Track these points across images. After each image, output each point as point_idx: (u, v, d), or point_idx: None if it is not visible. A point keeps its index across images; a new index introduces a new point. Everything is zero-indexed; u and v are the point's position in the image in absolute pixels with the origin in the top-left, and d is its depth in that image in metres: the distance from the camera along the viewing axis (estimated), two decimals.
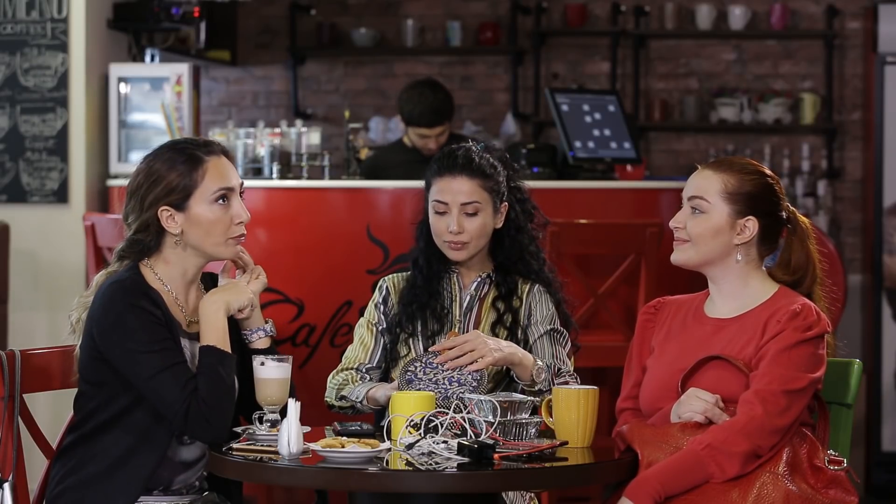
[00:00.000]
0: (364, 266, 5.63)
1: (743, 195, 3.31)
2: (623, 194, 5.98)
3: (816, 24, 8.46)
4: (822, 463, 3.17)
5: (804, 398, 3.19)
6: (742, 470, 3.10)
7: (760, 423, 3.12)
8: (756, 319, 3.29)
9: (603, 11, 8.62)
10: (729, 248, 3.33)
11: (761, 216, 3.32)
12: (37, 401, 3.47)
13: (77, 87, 6.36)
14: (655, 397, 3.33)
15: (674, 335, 3.40)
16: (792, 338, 3.21)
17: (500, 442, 3.09)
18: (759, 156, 8.41)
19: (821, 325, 3.26)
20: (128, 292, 3.27)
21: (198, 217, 3.33)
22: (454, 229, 3.67)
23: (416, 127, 6.44)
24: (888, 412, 7.41)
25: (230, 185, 3.37)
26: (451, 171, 3.71)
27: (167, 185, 3.32)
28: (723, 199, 3.31)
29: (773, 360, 3.19)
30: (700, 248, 3.33)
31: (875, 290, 7.50)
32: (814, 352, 3.23)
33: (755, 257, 3.35)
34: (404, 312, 3.74)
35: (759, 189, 3.33)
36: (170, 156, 3.36)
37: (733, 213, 3.31)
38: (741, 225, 3.31)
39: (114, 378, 3.28)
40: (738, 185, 3.32)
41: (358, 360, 3.74)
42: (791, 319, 3.23)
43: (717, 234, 3.31)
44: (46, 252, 6.33)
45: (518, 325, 3.73)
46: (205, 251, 3.37)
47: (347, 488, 3.14)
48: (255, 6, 8.63)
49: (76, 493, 3.29)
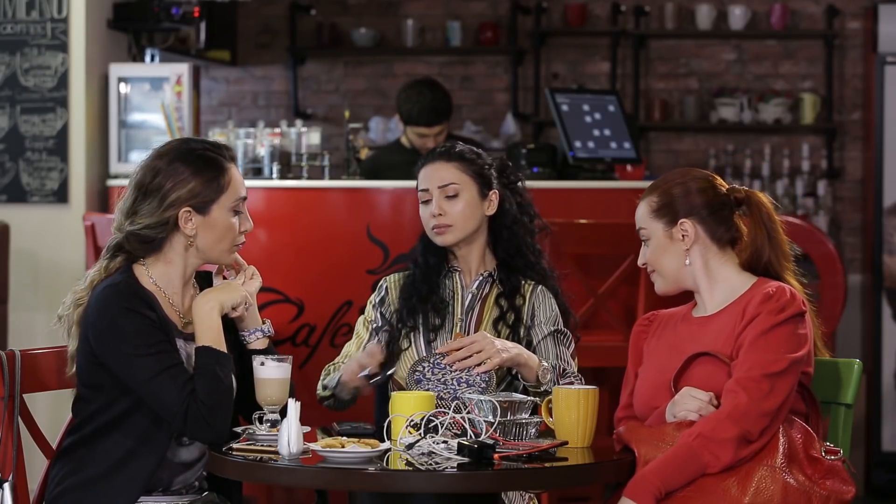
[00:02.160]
0: (364, 266, 5.63)
1: (664, 206, 3.40)
2: (623, 194, 5.96)
3: (816, 24, 8.46)
4: (819, 453, 3.19)
5: (788, 379, 3.20)
6: (735, 456, 3.12)
7: (746, 408, 3.14)
8: (735, 310, 3.31)
9: (603, 11, 8.62)
10: (682, 257, 3.39)
11: (692, 215, 3.38)
12: (37, 401, 3.47)
13: (77, 87, 6.36)
14: (649, 397, 3.35)
15: (664, 340, 3.44)
16: (767, 321, 3.23)
17: (500, 442, 3.09)
18: (759, 156, 8.42)
19: (795, 305, 3.27)
20: (121, 296, 3.28)
21: (215, 223, 3.36)
22: (434, 211, 3.72)
23: (414, 126, 6.43)
24: (888, 412, 7.41)
25: (245, 196, 3.42)
26: (429, 160, 3.80)
27: (194, 189, 3.34)
28: (653, 219, 3.41)
29: (750, 346, 3.22)
30: (662, 271, 3.42)
31: (875, 290, 7.50)
32: (792, 332, 3.24)
33: (715, 251, 3.39)
34: (405, 307, 3.76)
35: (678, 193, 3.40)
36: (195, 158, 3.36)
37: (666, 226, 3.39)
38: (679, 232, 3.38)
39: (112, 382, 3.29)
40: (658, 200, 3.41)
41: (349, 355, 3.76)
42: (763, 303, 3.26)
43: (665, 252, 3.40)
44: (46, 252, 6.33)
45: (521, 324, 3.74)
46: (210, 255, 3.39)
47: (347, 488, 3.14)
48: (255, 6, 8.63)
49: (76, 494, 3.29)
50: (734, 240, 3.40)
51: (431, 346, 3.72)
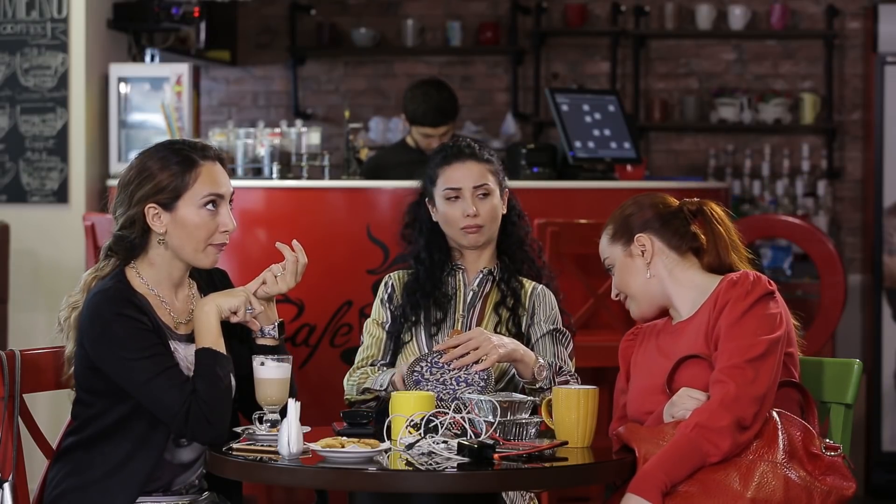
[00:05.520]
0: (364, 266, 5.63)
1: (619, 229, 3.47)
2: (623, 194, 5.93)
3: (816, 24, 8.46)
4: (819, 450, 3.19)
5: (770, 360, 3.22)
6: (734, 442, 3.13)
7: (735, 395, 3.16)
8: (708, 307, 3.34)
9: (603, 11, 8.62)
10: (645, 271, 3.43)
11: (646, 229, 3.43)
12: (37, 401, 3.47)
13: (77, 87, 6.36)
14: (641, 402, 3.38)
15: (650, 349, 3.47)
16: (737, 308, 3.26)
17: (500, 442, 3.09)
18: (759, 156, 8.43)
19: (761, 286, 3.30)
20: (112, 301, 3.27)
21: (183, 219, 3.33)
22: (471, 212, 3.73)
23: (420, 126, 6.44)
24: (888, 412, 7.42)
25: (220, 192, 3.37)
26: (458, 158, 3.80)
27: (158, 184, 3.32)
28: (612, 245, 3.48)
29: (727, 335, 3.25)
30: (633, 295, 3.46)
31: (875, 290, 7.50)
32: (763, 313, 3.27)
33: (677, 259, 3.43)
34: (409, 302, 3.78)
35: (628, 213, 3.47)
36: (164, 154, 3.35)
37: (624, 246, 3.45)
38: (637, 248, 3.43)
39: (108, 387, 3.29)
40: (613, 228, 3.49)
41: (372, 357, 3.79)
42: (729, 290, 3.30)
43: (629, 273, 3.45)
44: (46, 252, 6.33)
45: (520, 317, 3.75)
46: (184, 255, 3.36)
47: (347, 488, 3.14)
48: (255, 6, 8.63)
49: (74, 495, 3.30)
50: (696, 249, 3.45)
51: (433, 339, 3.73)
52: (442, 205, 3.78)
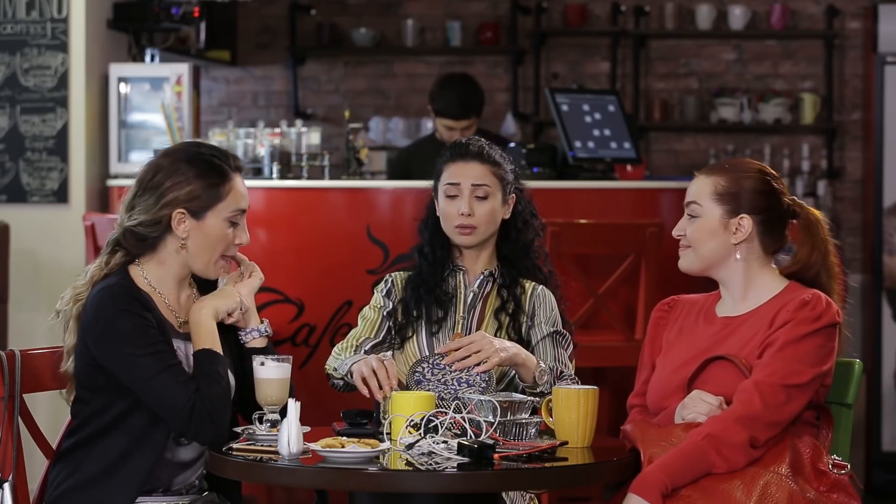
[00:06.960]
0: (364, 266, 5.63)
1: (732, 195, 3.34)
2: (623, 194, 5.97)
3: (816, 24, 8.46)
4: (826, 467, 3.16)
5: (806, 393, 3.19)
6: (745, 459, 3.10)
7: (758, 414, 3.13)
8: (764, 315, 3.29)
9: (603, 11, 8.62)
10: (728, 248, 3.35)
11: (755, 213, 3.34)
12: (37, 401, 3.47)
13: (77, 87, 6.36)
14: (661, 395, 3.34)
15: (684, 334, 3.41)
16: (800, 329, 3.21)
17: (500, 442, 3.09)
18: (759, 156, 8.41)
19: (830, 315, 3.24)
20: (117, 298, 3.28)
21: (208, 229, 3.35)
22: (465, 211, 3.72)
23: (442, 118, 6.58)
24: (888, 412, 7.41)
25: (245, 208, 3.41)
26: (463, 157, 3.79)
27: (192, 191, 3.33)
28: (713, 200, 3.35)
29: (778, 352, 3.19)
30: (699, 252, 3.36)
31: (875, 290, 7.50)
32: (822, 344, 3.22)
33: (759, 254, 3.36)
34: (411, 297, 3.78)
35: (749, 188, 3.35)
36: (200, 162, 3.36)
37: (725, 214, 3.34)
38: (735, 224, 3.33)
39: (109, 384, 3.29)
40: (727, 186, 3.34)
41: (363, 336, 3.76)
42: (799, 309, 3.23)
43: (712, 236, 3.34)
44: (46, 252, 6.34)
45: (520, 323, 3.75)
46: (195, 263, 3.38)
47: (347, 488, 3.14)
48: (255, 6, 8.63)
49: (74, 496, 3.30)
50: (777, 250, 3.38)
51: (434, 337, 3.73)
52: (442, 200, 3.80)
